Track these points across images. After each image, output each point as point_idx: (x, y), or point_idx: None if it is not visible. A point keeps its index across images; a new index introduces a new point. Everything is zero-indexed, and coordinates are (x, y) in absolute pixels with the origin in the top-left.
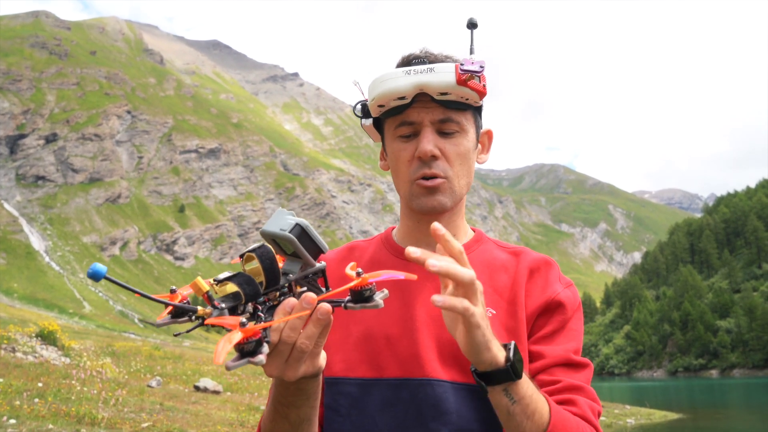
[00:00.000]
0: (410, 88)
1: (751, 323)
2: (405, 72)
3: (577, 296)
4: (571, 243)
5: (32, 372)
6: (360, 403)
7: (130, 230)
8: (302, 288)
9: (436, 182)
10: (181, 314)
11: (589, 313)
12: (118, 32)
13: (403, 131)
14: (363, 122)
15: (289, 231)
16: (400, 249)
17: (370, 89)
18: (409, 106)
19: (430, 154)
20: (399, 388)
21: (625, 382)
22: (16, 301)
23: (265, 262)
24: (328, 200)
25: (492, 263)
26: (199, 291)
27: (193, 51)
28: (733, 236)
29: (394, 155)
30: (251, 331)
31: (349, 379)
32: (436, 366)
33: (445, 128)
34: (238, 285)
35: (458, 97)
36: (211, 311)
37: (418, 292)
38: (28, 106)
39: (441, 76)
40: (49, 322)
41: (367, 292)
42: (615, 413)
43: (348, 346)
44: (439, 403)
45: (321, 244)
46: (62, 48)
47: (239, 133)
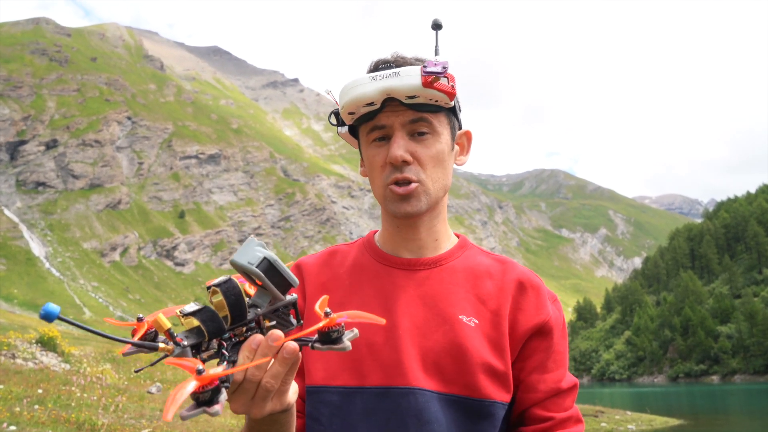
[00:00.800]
0: (377, 94)
1: (752, 329)
2: (371, 78)
3: (562, 312)
4: (571, 248)
5: (32, 378)
6: (342, 411)
7: (131, 236)
8: (271, 322)
9: (409, 188)
10: (147, 344)
11: (589, 318)
12: (119, 38)
13: (375, 135)
14: (339, 130)
15: (256, 265)
16: (383, 254)
17: (339, 97)
18: (380, 111)
19: (400, 159)
20: (382, 397)
21: (626, 388)
22: (16, 307)
23: (229, 298)
24: (328, 206)
25: (476, 270)
26: (160, 329)
27: (194, 57)
28: (734, 241)
29: (369, 161)
30: (207, 380)
31: (330, 387)
32: (419, 375)
33: (417, 128)
34: (201, 321)
35: (427, 99)
36: (173, 348)
37: (400, 300)
38: (28, 113)
39: (406, 79)
40: (49, 328)
41: (334, 333)
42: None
43: (329, 353)
44: (421, 412)
45: (290, 278)
46: (63, 54)
47: (239, 138)
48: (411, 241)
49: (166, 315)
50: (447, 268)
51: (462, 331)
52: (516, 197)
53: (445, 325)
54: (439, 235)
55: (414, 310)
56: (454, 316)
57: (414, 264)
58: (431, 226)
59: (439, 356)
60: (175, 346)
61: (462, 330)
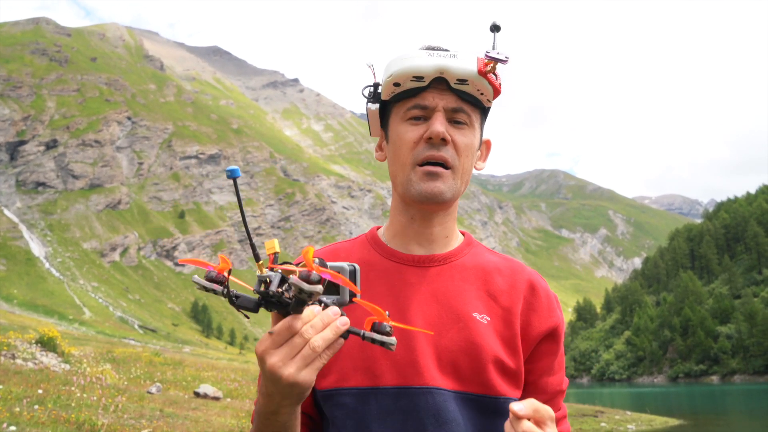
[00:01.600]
0: (431, 70)
1: (752, 329)
2: (428, 54)
3: (562, 313)
4: (571, 248)
5: (32, 378)
6: (356, 413)
7: (130, 236)
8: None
9: (438, 169)
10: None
11: (589, 318)
12: (119, 38)
13: (414, 113)
14: (369, 106)
15: (350, 270)
16: (391, 250)
17: (387, 67)
18: (424, 90)
19: (441, 136)
20: (398, 397)
21: (625, 388)
22: (16, 308)
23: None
24: (328, 206)
25: (485, 267)
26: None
27: (194, 57)
28: (734, 242)
29: (399, 138)
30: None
31: (343, 389)
32: (435, 374)
33: (456, 117)
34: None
35: (474, 88)
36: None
37: (413, 298)
38: (28, 113)
39: (463, 62)
40: (48, 328)
41: (387, 328)
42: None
43: (341, 354)
44: (439, 412)
45: (357, 290)
46: (62, 54)
47: (239, 139)
48: (423, 235)
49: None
50: (457, 265)
51: (476, 329)
52: (516, 197)
53: (459, 322)
54: (450, 232)
55: (427, 308)
56: (468, 313)
57: (425, 261)
58: (444, 222)
59: (454, 354)
60: (270, 272)
61: (476, 327)
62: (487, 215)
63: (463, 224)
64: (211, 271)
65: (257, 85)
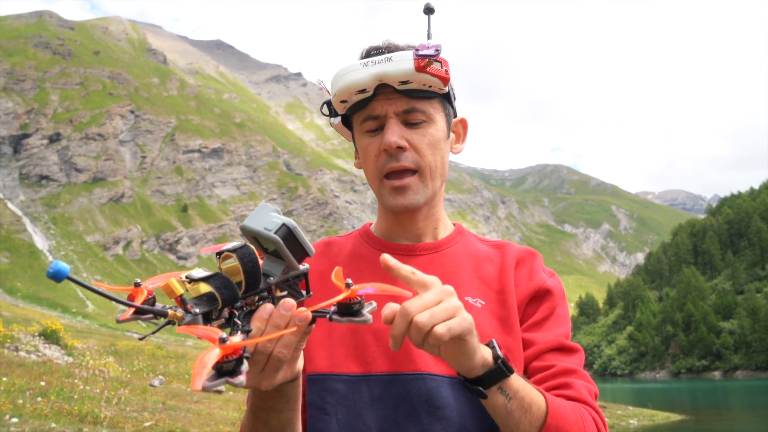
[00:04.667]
0: (369, 80)
1: (755, 325)
2: (363, 64)
3: (561, 285)
4: (574, 243)
5: (35, 371)
6: (347, 400)
7: (134, 230)
8: (282, 292)
9: (404, 181)
10: (147, 312)
11: (591, 314)
12: (122, 32)
13: (369, 126)
14: (332, 121)
15: (274, 232)
16: (381, 241)
17: (331, 85)
18: (372, 99)
19: (395, 146)
20: (389, 384)
21: (627, 384)
22: (20, 301)
23: (246, 264)
24: (330, 200)
25: (476, 255)
26: (171, 294)
27: (197, 51)
28: (737, 237)
29: (362, 151)
30: (231, 349)
31: (335, 375)
32: (427, 359)
33: (410, 119)
34: (215, 288)
35: (420, 85)
36: (183, 315)
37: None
38: (31, 106)
39: (399, 64)
40: (52, 321)
41: (356, 305)
42: (618, 414)
43: (333, 341)
44: (432, 397)
45: (308, 248)
46: (66, 48)
47: (242, 132)
48: (410, 231)
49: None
50: (447, 253)
51: (469, 313)
52: (519, 192)
53: None
54: (438, 223)
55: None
56: (460, 297)
57: (414, 249)
58: (430, 215)
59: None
60: (185, 313)
61: (469, 311)
62: (489, 210)
63: (465, 219)
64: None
65: (260, 79)
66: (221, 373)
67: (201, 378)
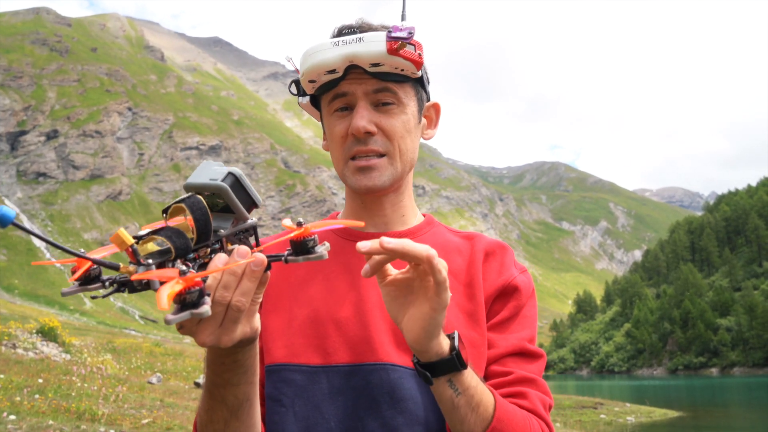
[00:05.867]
0: (339, 60)
1: (752, 321)
2: (333, 44)
3: (531, 282)
4: (571, 241)
5: (33, 368)
6: (306, 392)
7: (131, 227)
8: (233, 246)
9: (370, 161)
10: (93, 280)
11: (589, 311)
12: (119, 29)
13: (336, 105)
14: (300, 101)
15: (221, 180)
16: (347, 229)
17: (300, 64)
18: (342, 79)
19: (364, 131)
20: (350, 375)
21: (625, 380)
22: (17, 298)
23: (196, 212)
24: (329, 197)
25: (445, 246)
26: (122, 244)
27: (194, 48)
28: (734, 234)
29: (330, 132)
30: (191, 280)
31: (293, 365)
32: (391, 350)
33: (381, 98)
34: (166, 237)
35: (392, 67)
36: (136, 268)
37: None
38: (29, 103)
39: (370, 45)
40: (49, 318)
41: (310, 242)
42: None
43: (292, 330)
44: (394, 389)
45: (255, 196)
46: (63, 45)
47: (240, 130)
48: (377, 216)
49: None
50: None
51: None
52: (517, 189)
53: None
54: (406, 211)
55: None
56: None
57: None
58: (397, 202)
59: None
60: (138, 266)
61: None
62: (487, 207)
63: (463, 216)
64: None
65: (258, 76)
66: (185, 305)
67: (164, 299)
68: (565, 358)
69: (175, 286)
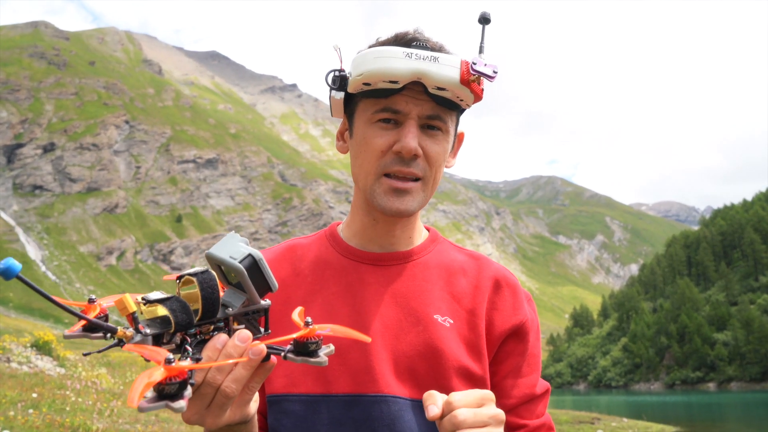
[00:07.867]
0: (407, 74)
1: (748, 336)
2: (405, 54)
3: (536, 311)
4: (568, 255)
5: (27, 382)
6: (305, 422)
7: (127, 240)
8: (240, 325)
9: (407, 184)
10: (97, 329)
11: (586, 325)
12: (117, 43)
13: (383, 116)
14: (333, 94)
15: (239, 261)
16: (349, 247)
17: (357, 62)
18: (397, 92)
19: (413, 153)
20: (350, 406)
21: (622, 395)
22: (12, 311)
23: (206, 290)
24: (325, 211)
25: (450, 266)
26: (124, 310)
27: (192, 62)
28: (730, 249)
29: (365, 141)
30: (176, 371)
31: (292, 395)
32: (391, 381)
33: (431, 123)
34: (170, 310)
35: (454, 96)
36: (133, 335)
37: (370, 298)
38: (26, 116)
39: (444, 69)
40: (44, 332)
41: (312, 346)
42: (612, 426)
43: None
44: (394, 422)
45: (271, 282)
46: (61, 58)
47: (237, 143)
48: (384, 237)
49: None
50: (419, 264)
51: (437, 332)
52: (513, 204)
53: (418, 325)
54: (413, 232)
55: (385, 310)
56: (428, 315)
57: (384, 258)
58: (408, 224)
59: (412, 360)
60: (135, 332)
61: (437, 331)
62: (484, 221)
63: (460, 230)
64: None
65: (255, 90)
66: (162, 395)
67: (136, 395)
68: (562, 373)
69: (155, 375)
